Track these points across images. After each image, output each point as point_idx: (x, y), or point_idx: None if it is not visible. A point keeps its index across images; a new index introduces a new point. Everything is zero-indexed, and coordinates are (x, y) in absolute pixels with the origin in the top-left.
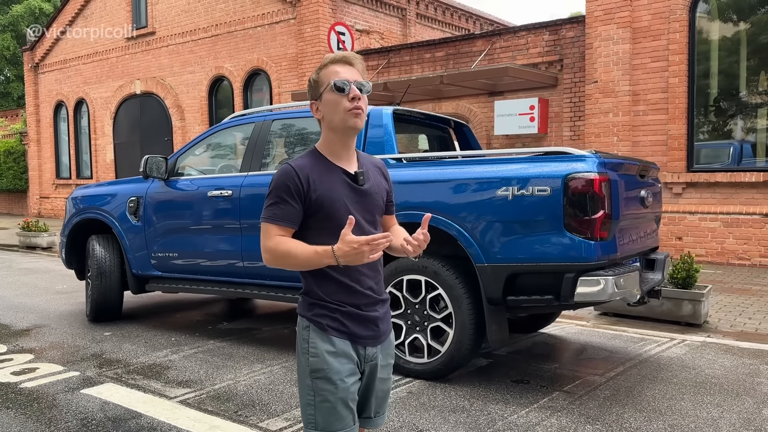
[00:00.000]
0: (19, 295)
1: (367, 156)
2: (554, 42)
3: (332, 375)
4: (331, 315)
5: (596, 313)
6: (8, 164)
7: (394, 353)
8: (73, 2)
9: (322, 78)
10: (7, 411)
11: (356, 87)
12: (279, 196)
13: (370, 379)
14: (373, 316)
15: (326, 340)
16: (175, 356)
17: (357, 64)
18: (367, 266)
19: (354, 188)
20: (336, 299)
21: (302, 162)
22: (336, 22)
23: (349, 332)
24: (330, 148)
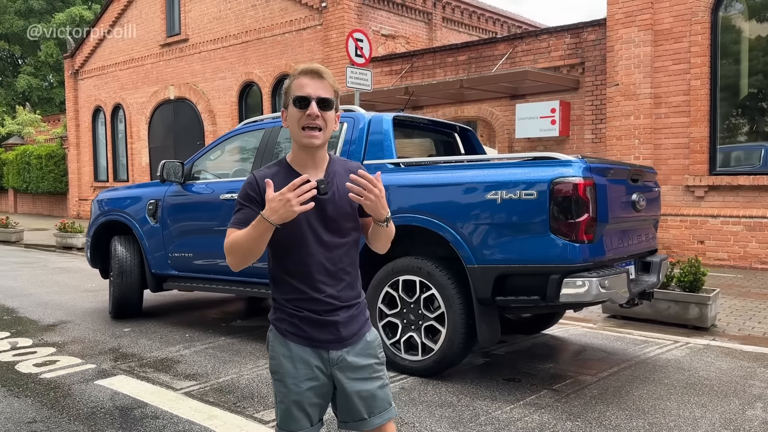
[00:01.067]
0: (50, 293)
1: (342, 161)
2: (576, 45)
3: (286, 378)
4: (289, 320)
5: (604, 316)
6: (49, 167)
7: (377, 353)
8: (111, 10)
9: (291, 89)
10: (25, 399)
11: (317, 103)
12: (240, 203)
13: (342, 382)
14: (332, 321)
15: (283, 344)
16: (187, 351)
17: (327, 76)
18: (327, 274)
19: (315, 198)
20: (294, 305)
21: (265, 172)
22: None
23: (308, 337)
24: (296, 157)
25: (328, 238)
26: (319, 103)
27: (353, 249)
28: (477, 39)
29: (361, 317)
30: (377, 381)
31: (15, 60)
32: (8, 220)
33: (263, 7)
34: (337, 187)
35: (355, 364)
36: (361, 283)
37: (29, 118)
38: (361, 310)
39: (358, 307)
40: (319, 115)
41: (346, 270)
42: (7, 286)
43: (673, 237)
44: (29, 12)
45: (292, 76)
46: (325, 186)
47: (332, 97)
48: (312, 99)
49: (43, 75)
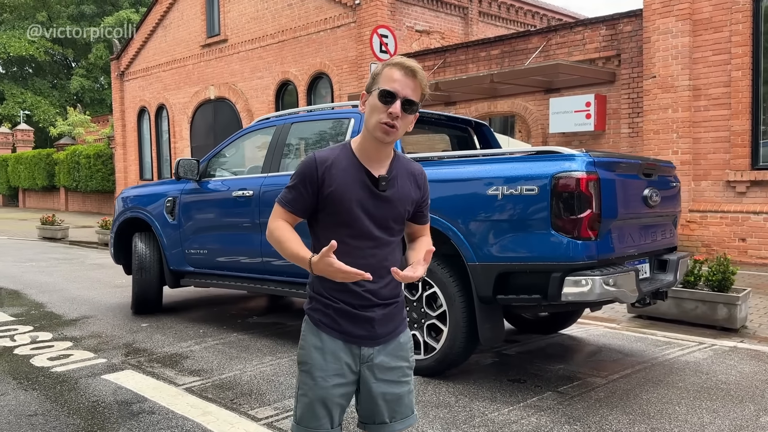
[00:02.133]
0: (81, 289)
1: (406, 161)
2: (611, 37)
3: (314, 371)
4: (324, 310)
5: (630, 316)
6: (97, 166)
7: (409, 356)
8: (154, 13)
9: (380, 77)
10: (32, 392)
11: (401, 104)
12: (295, 182)
13: (369, 381)
14: (368, 316)
15: (316, 335)
16: (197, 347)
17: (420, 77)
18: (369, 269)
19: (373, 193)
20: (331, 295)
21: (327, 154)
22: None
23: (341, 330)
24: (362, 146)
25: (378, 234)
26: (404, 104)
27: (398, 249)
28: (510, 33)
29: (398, 316)
30: (405, 386)
31: (68, 63)
32: (54, 217)
33: (299, 6)
34: (397, 187)
35: (385, 364)
36: (402, 283)
37: (79, 119)
38: (399, 309)
39: (396, 306)
40: (399, 116)
41: (389, 268)
42: (42, 281)
43: (713, 234)
44: (81, 16)
45: (385, 63)
46: (386, 184)
47: (418, 100)
48: (399, 97)
49: (94, 77)
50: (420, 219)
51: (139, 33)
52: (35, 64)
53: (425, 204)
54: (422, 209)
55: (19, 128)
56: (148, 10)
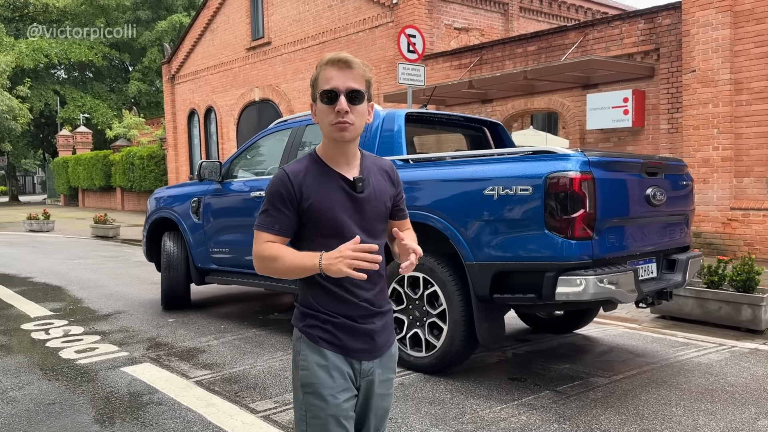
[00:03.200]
0: (119, 285)
1: (373, 158)
2: (650, 30)
3: (323, 390)
4: (322, 326)
5: (653, 316)
6: (150, 167)
7: (395, 367)
8: (201, 17)
9: (318, 81)
10: (55, 381)
11: (346, 97)
12: (272, 204)
13: (368, 395)
14: (368, 329)
15: (317, 353)
16: (215, 342)
17: (356, 65)
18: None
19: (351, 196)
20: (328, 310)
21: (297, 167)
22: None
23: (342, 345)
24: (328, 153)
25: (364, 238)
26: (349, 96)
27: (383, 251)
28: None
29: (391, 326)
30: (390, 398)
31: (126, 67)
32: (106, 217)
33: (338, 7)
34: (373, 186)
35: (381, 377)
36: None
37: (134, 121)
38: (391, 318)
39: (389, 314)
40: (348, 110)
41: (380, 273)
42: (85, 278)
43: (755, 233)
44: (137, 21)
45: (318, 67)
46: (362, 184)
47: (363, 88)
48: (340, 92)
49: (150, 80)
50: (399, 214)
51: (188, 37)
52: (95, 68)
53: (401, 198)
54: (399, 204)
55: (78, 131)
56: (196, 15)
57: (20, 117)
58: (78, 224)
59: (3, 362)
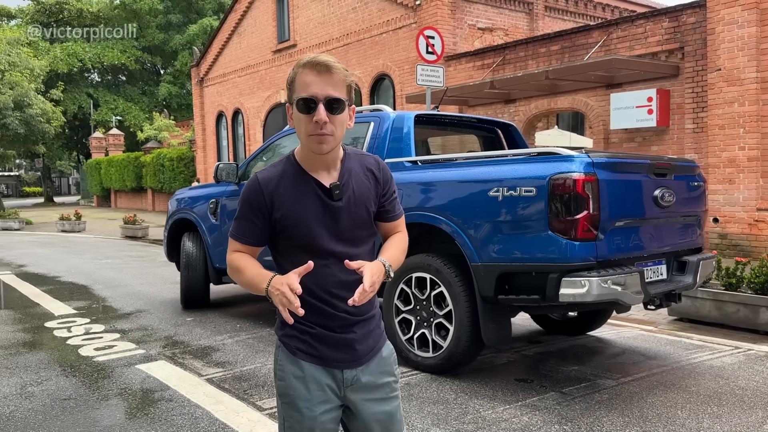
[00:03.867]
0: (143, 284)
1: (359, 156)
2: (674, 29)
3: (298, 402)
4: (300, 337)
5: (670, 318)
6: (180, 168)
7: (394, 370)
8: (229, 21)
9: (294, 84)
10: (72, 378)
11: (326, 106)
12: (242, 211)
13: (358, 404)
14: (348, 339)
15: (294, 363)
16: (230, 340)
17: (337, 70)
18: (341, 286)
19: (327, 205)
20: (305, 319)
21: (271, 173)
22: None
23: (320, 356)
24: (305, 157)
25: (342, 248)
26: (328, 105)
27: (369, 257)
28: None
29: (377, 331)
30: (394, 401)
31: (157, 70)
32: (135, 217)
33: (362, 9)
34: (353, 191)
35: (371, 383)
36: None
37: (164, 124)
38: (376, 324)
39: (374, 320)
40: (327, 121)
41: (360, 281)
42: (111, 277)
43: None
44: (168, 25)
45: (295, 68)
46: (340, 192)
47: (344, 96)
48: (319, 101)
49: (181, 83)
50: (386, 216)
51: (216, 40)
52: (128, 72)
53: (389, 199)
54: (386, 205)
55: (111, 133)
56: (223, 19)
57: (53, 120)
58: (109, 225)
59: (25, 359)
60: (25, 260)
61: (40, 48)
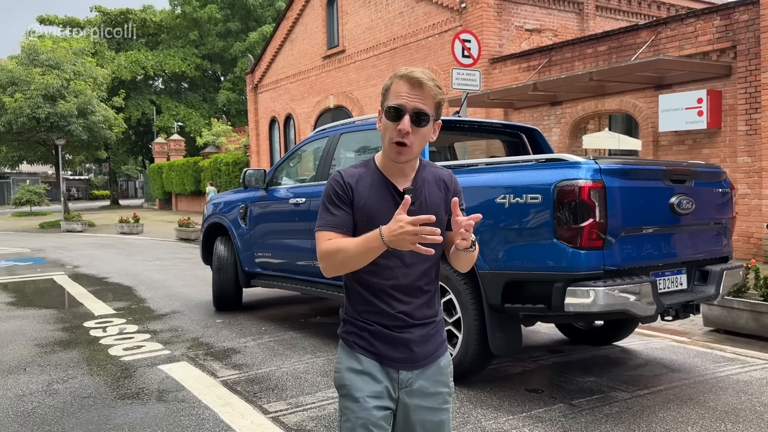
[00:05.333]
0: (184, 286)
1: (433, 169)
2: (726, 27)
3: (354, 392)
4: (359, 333)
5: (706, 329)
6: (235, 173)
7: (449, 381)
8: (281, 29)
9: (388, 93)
10: (96, 377)
11: (411, 117)
12: (328, 203)
13: (408, 408)
14: (404, 338)
15: (352, 357)
16: (252, 343)
17: (429, 87)
18: (403, 290)
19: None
20: (364, 317)
21: (352, 171)
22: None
23: (377, 352)
24: (385, 162)
25: (408, 253)
26: (414, 117)
27: (434, 266)
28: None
29: (438, 338)
30: (445, 413)
31: (218, 77)
32: (189, 220)
33: (409, 13)
34: (425, 198)
35: (424, 390)
36: (440, 301)
37: (222, 129)
38: (437, 330)
39: (434, 326)
40: (409, 132)
41: (423, 288)
42: (155, 278)
43: None
44: (227, 33)
45: (392, 77)
46: (413, 196)
47: (431, 110)
48: (406, 112)
49: (239, 89)
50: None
51: (269, 48)
52: (189, 79)
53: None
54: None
55: (172, 138)
56: (276, 26)
57: (115, 126)
58: (166, 227)
59: (57, 357)
60: (80, 261)
61: (105, 57)
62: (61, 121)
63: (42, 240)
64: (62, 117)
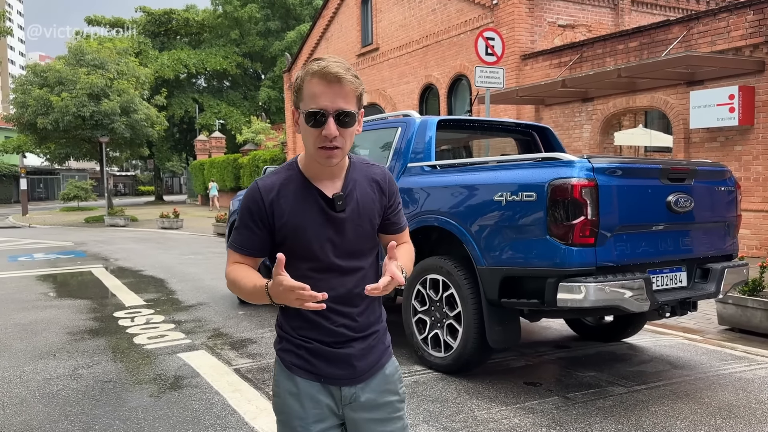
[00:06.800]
0: (213, 279)
1: (365, 167)
2: (759, 22)
3: (293, 420)
4: (296, 351)
5: (721, 328)
6: None
7: (398, 389)
8: (317, 27)
9: (301, 92)
10: (119, 363)
11: (335, 119)
12: (242, 220)
13: (356, 422)
14: (344, 354)
15: (290, 379)
16: (269, 334)
17: (347, 81)
18: (341, 301)
19: (329, 216)
20: (301, 334)
21: (272, 181)
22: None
23: (317, 372)
24: (309, 165)
25: (343, 262)
26: (338, 119)
27: (372, 270)
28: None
29: (380, 347)
30: (398, 421)
31: (258, 75)
32: (226, 215)
33: (441, 10)
34: (357, 202)
35: (371, 402)
36: (381, 304)
37: (261, 127)
38: (379, 339)
39: (377, 335)
40: (337, 135)
41: (362, 294)
42: (187, 271)
43: None
44: (267, 32)
45: (304, 74)
46: (343, 203)
47: (354, 107)
48: (329, 115)
49: (279, 87)
50: (391, 228)
51: (305, 46)
52: (231, 78)
53: (394, 210)
54: (390, 217)
55: (213, 136)
56: (312, 25)
57: (157, 124)
58: (205, 222)
59: (86, 344)
60: (119, 255)
61: (149, 56)
62: (105, 119)
63: (85, 234)
64: (106, 115)
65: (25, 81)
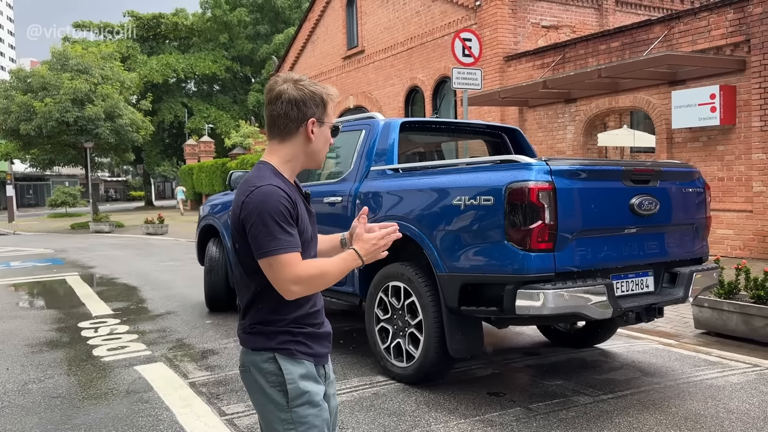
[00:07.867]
0: (187, 287)
1: None
2: (739, 21)
3: (314, 397)
4: (295, 339)
5: (697, 332)
6: None
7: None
8: (303, 30)
9: (326, 109)
10: (73, 377)
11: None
12: (283, 222)
13: (329, 398)
14: (327, 332)
15: (299, 365)
16: (233, 344)
17: None
18: None
19: (309, 210)
20: (297, 323)
21: (279, 183)
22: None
23: (314, 353)
24: (291, 168)
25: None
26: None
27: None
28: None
29: None
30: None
31: (248, 79)
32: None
33: (425, 12)
34: None
35: (331, 377)
36: None
37: (249, 131)
38: None
39: None
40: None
41: None
42: (161, 279)
43: None
44: (257, 36)
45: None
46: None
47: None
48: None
49: None
50: None
51: (292, 49)
52: (220, 82)
53: None
54: None
55: (202, 140)
56: (298, 28)
57: (142, 129)
58: (191, 227)
59: (42, 357)
60: (96, 262)
61: (138, 61)
62: (89, 124)
63: (68, 241)
64: (90, 120)
65: (9, 86)
